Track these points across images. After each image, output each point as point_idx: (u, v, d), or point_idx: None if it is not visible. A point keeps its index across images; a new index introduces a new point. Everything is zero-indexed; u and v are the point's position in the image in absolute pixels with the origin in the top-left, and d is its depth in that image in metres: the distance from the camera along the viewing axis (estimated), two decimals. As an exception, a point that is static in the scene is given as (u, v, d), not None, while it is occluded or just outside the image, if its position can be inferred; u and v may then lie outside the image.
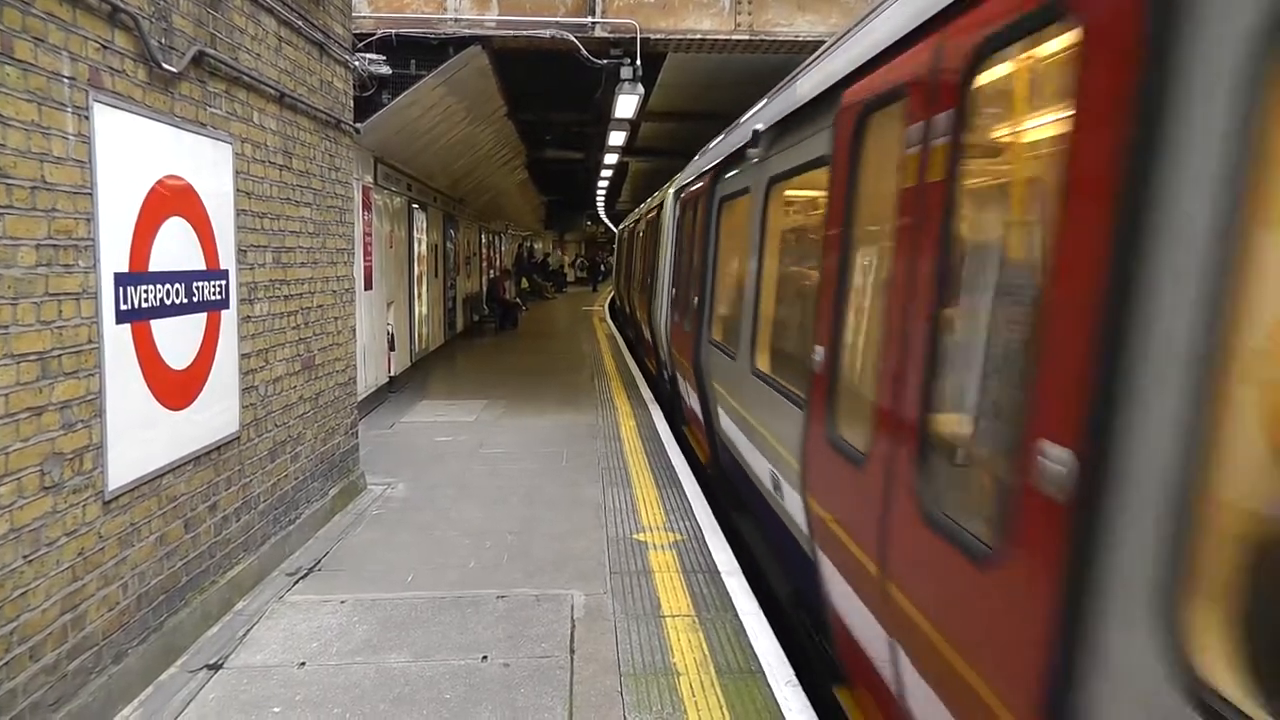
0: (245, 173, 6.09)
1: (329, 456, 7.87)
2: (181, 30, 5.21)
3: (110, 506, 4.51)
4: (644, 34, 11.45)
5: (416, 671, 5.04)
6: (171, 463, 5.12)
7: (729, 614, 5.80)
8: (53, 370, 4.04)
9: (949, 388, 3.29)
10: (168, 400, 5.07)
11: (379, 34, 10.77)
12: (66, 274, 4.13)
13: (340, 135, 8.16)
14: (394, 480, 9.14)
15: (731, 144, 8.11)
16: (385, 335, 14.03)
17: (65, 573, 4.14)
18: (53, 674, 4.03)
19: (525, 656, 5.22)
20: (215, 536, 5.69)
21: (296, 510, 7.08)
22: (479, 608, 5.91)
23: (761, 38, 11.52)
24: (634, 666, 5.09)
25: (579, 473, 9.42)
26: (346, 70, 8.46)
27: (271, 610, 5.88)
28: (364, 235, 12.11)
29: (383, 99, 10.86)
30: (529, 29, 11.37)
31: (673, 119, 19.23)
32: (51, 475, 4.02)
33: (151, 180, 4.90)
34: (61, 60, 4.11)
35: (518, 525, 7.64)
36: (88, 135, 4.28)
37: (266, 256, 6.44)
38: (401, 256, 15.56)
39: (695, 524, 7.65)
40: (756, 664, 5.12)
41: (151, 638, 4.91)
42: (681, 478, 9.18)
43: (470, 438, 11.26)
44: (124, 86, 4.63)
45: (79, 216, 4.22)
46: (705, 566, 6.65)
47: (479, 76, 13.32)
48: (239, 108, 6.01)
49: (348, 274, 8.36)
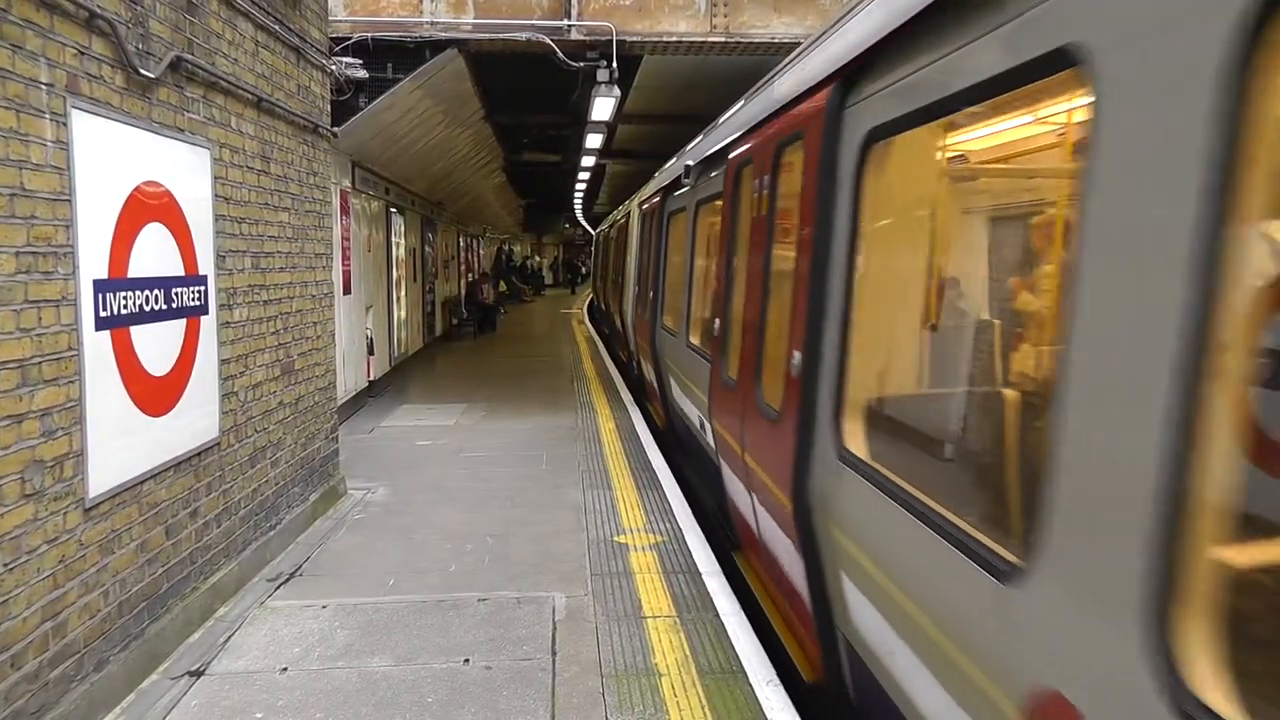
0: (223, 178, 6.08)
1: (309, 461, 7.86)
2: (159, 36, 5.21)
3: (91, 513, 4.50)
4: (620, 36, 11.48)
5: (399, 675, 5.05)
6: (152, 469, 5.11)
7: (710, 614, 5.84)
8: (33, 378, 4.03)
9: (770, 339, 5.28)
10: (148, 407, 5.07)
11: (355, 38, 10.75)
12: (46, 281, 4.13)
13: (318, 139, 8.15)
14: (374, 485, 9.14)
15: (675, 170, 10.28)
16: (364, 339, 14.00)
17: (46, 580, 4.13)
18: (34, 682, 4.02)
19: (507, 659, 5.24)
20: (196, 542, 5.68)
21: (277, 516, 7.07)
22: (461, 611, 5.92)
23: (737, 39, 11.57)
24: (616, 668, 5.12)
25: (559, 475, 9.45)
26: (324, 74, 8.46)
27: (253, 616, 5.87)
28: (342, 239, 12.08)
29: (360, 103, 10.84)
30: (505, 32, 11.38)
31: (650, 121, 19.26)
32: (32, 483, 4.02)
33: (130, 186, 4.89)
34: (39, 66, 4.10)
35: (499, 528, 7.66)
36: (66, 141, 4.28)
37: (245, 262, 6.43)
38: (380, 260, 15.53)
39: (675, 525, 7.69)
40: (737, 664, 5.16)
41: (133, 644, 4.90)
42: (661, 479, 9.22)
43: (450, 441, 11.26)
44: (102, 92, 4.62)
45: (58, 223, 4.22)
46: (686, 567, 6.69)
47: (456, 79, 13.32)
48: (217, 113, 6.00)
49: (327, 278, 8.35)
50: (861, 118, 3.98)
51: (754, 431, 5.45)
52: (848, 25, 4.27)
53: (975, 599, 2.60)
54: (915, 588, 3.15)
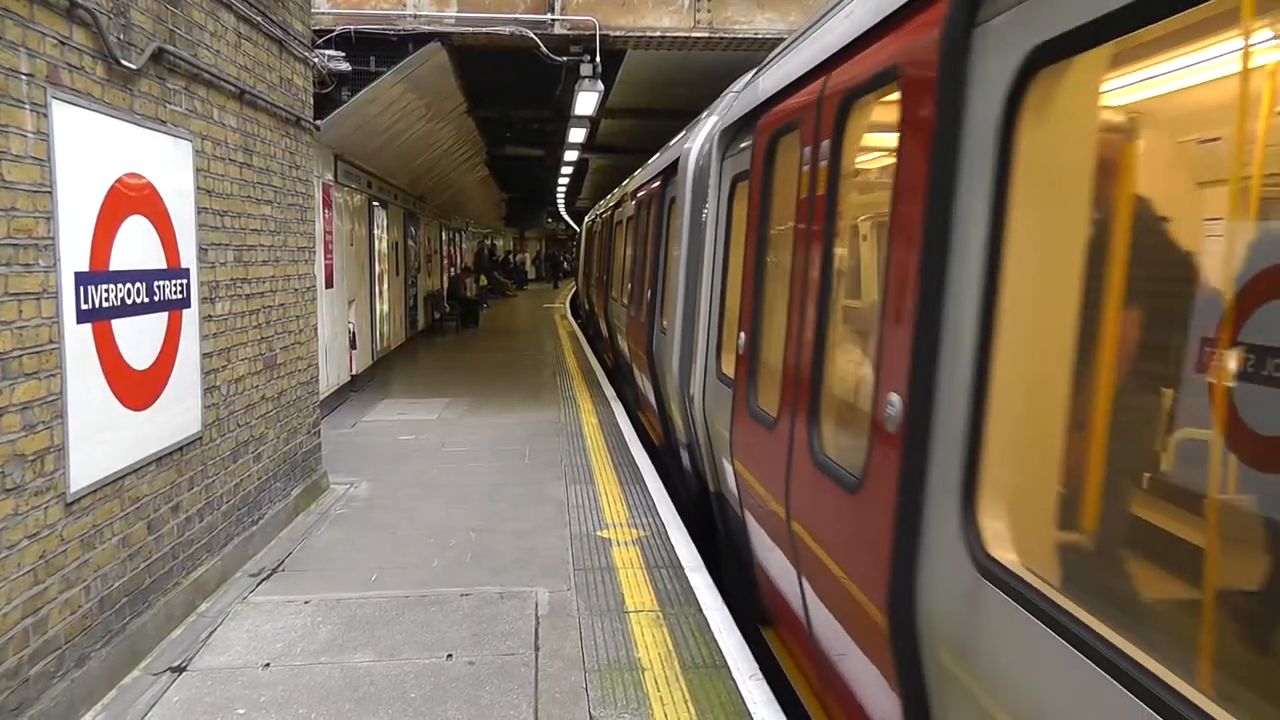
0: (206, 170, 6.04)
1: (291, 456, 7.82)
2: (140, 26, 5.17)
3: (72, 508, 4.46)
4: (603, 31, 11.47)
5: (381, 671, 5.04)
6: (134, 463, 5.08)
7: (693, 609, 5.86)
8: (13, 371, 4.00)
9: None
10: (130, 400, 5.03)
11: (338, 30, 10.68)
12: (26, 273, 4.09)
13: (300, 132, 8.11)
14: (357, 479, 9.11)
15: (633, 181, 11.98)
16: (347, 334, 13.94)
17: (27, 576, 4.10)
18: (14, 678, 3.99)
19: (490, 654, 5.24)
20: (178, 538, 5.65)
21: (259, 510, 7.04)
22: (443, 606, 5.92)
23: (721, 35, 11.58)
24: (599, 662, 5.13)
25: (542, 470, 9.44)
26: (306, 67, 8.41)
27: (235, 611, 5.84)
28: (325, 233, 12.02)
29: (342, 96, 10.78)
30: (489, 26, 11.34)
31: (633, 116, 19.24)
32: (13, 477, 3.98)
33: (111, 178, 4.86)
34: (19, 57, 4.06)
35: (481, 523, 7.65)
36: (46, 133, 4.24)
37: (228, 255, 6.39)
38: (362, 254, 15.46)
39: (658, 520, 7.71)
40: (721, 658, 5.18)
41: (114, 641, 4.87)
42: (644, 474, 9.23)
43: (433, 436, 11.23)
44: (83, 83, 4.58)
45: (38, 215, 4.18)
46: (669, 562, 6.70)
47: (439, 73, 13.27)
48: (199, 105, 5.96)
49: (309, 272, 8.31)
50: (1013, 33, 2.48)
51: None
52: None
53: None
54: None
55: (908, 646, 2.85)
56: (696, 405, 6.81)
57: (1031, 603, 2.22)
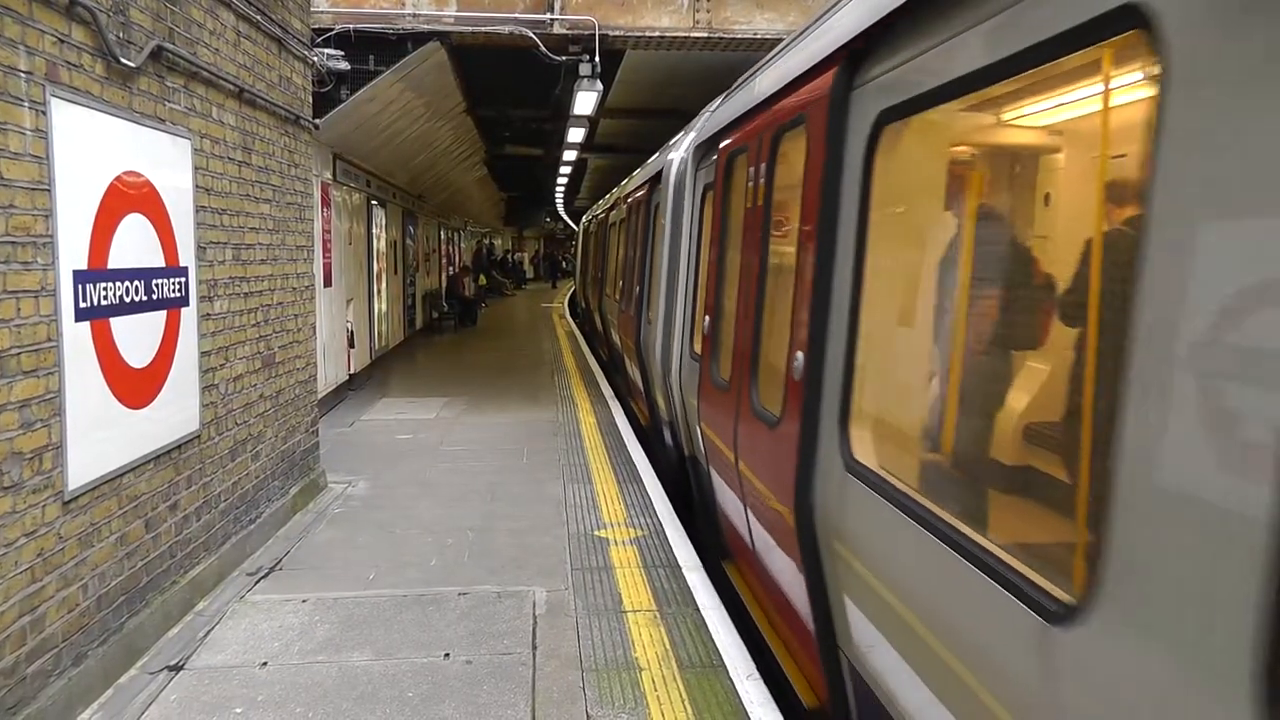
0: (204, 169, 6.04)
1: (289, 455, 7.82)
2: (139, 24, 5.16)
3: (70, 507, 4.46)
4: (603, 30, 11.48)
5: (379, 670, 5.04)
6: (132, 462, 5.07)
7: (690, 609, 5.86)
8: (11, 369, 3.99)
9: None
10: (128, 399, 5.03)
11: (337, 29, 10.69)
12: (25, 271, 4.09)
13: (299, 131, 8.11)
14: (355, 478, 9.10)
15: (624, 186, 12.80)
16: (345, 332, 13.93)
17: (24, 574, 4.10)
18: (11, 676, 3.99)
19: (487, 653, 5.24)
20: (176, 536, 5.65)
21: (257, 509, 7.03)
22: (441, 605, 5.91)
23: (720, 35, 11.60)
24: (596, 662, 5.13)
25: (540, 469, 9.44)
26: (305, 65, 8.41)
27: (233, 610, 5.84)
28: (323, 232, 12.01)
29: (341, 95, 10.78)
30: (488, 25, 11.34)
31: (632, 115, 19.25)
32: (10, 475, 3.98)
33: (110, 176, 4.85)
34: (18, 54, 4.06)
35: (479, 522, 7.65)
36: (45, 130, 4.23)
37: (226, 253, 6.39)
38: (361, 253, 15.45)
39: (656, 520, 7.71)
40: (718, 658, 5.18)
41: (112, 639, 4.87)
42: (642, 473, 9.23)
43: (431, 435, 11.23)
44: (82, 81, 4.58)
45: (37, 213, 4.18)
46: (666, 561, 6.70)
47: (438, 72, 13.27)
48: (198, 103, 5.96)
49: (307, 271, 8.31)
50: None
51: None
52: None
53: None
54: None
55: (808, 533, 3.94)
56: (674, 382, 7.98)
57: (877, 485, 3.31)
